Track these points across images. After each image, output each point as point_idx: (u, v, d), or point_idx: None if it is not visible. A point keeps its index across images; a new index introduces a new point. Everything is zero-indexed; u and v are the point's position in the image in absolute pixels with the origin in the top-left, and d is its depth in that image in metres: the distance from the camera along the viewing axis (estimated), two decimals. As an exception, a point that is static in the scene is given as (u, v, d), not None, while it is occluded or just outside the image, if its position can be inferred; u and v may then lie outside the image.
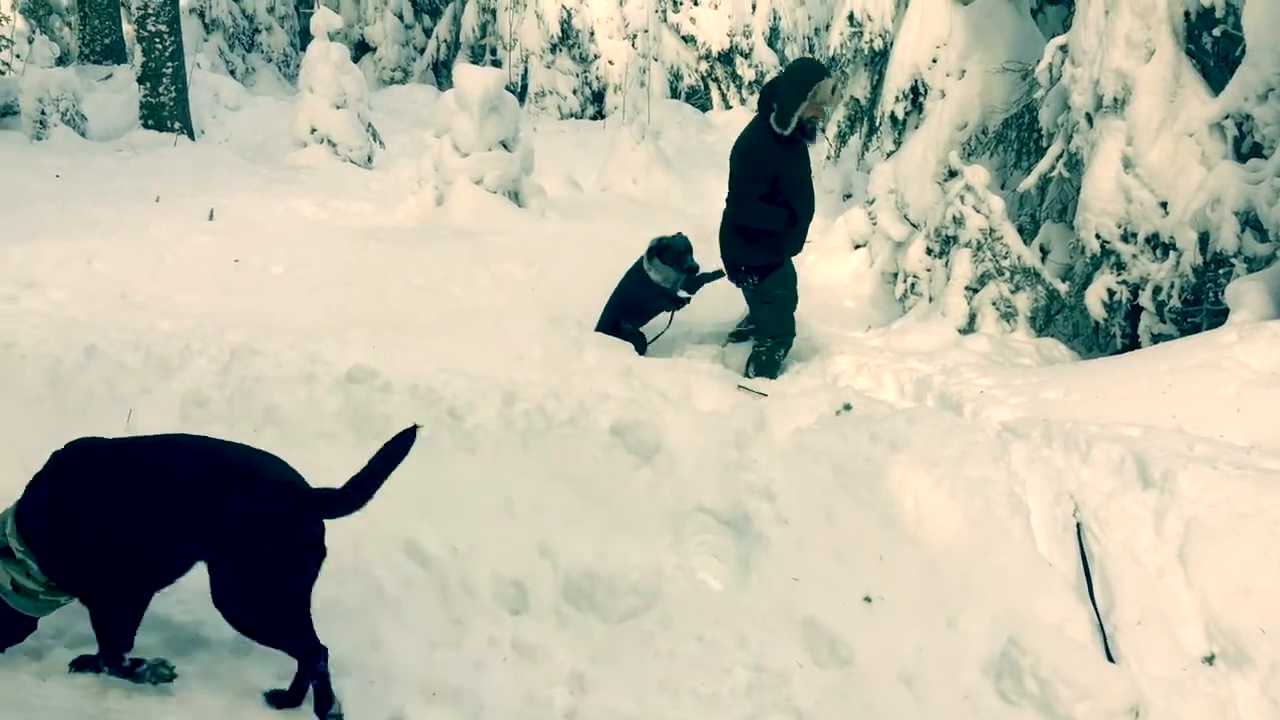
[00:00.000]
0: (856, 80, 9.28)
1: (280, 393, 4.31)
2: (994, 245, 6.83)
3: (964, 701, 3.37)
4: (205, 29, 22.49)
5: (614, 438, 4.07)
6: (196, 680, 3.39)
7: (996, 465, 4.01)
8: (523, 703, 3.33)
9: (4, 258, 7.51)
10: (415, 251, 8.54)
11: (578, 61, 21.79)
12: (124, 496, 3.10)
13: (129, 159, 13.20)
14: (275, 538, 3.13)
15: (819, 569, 3.67)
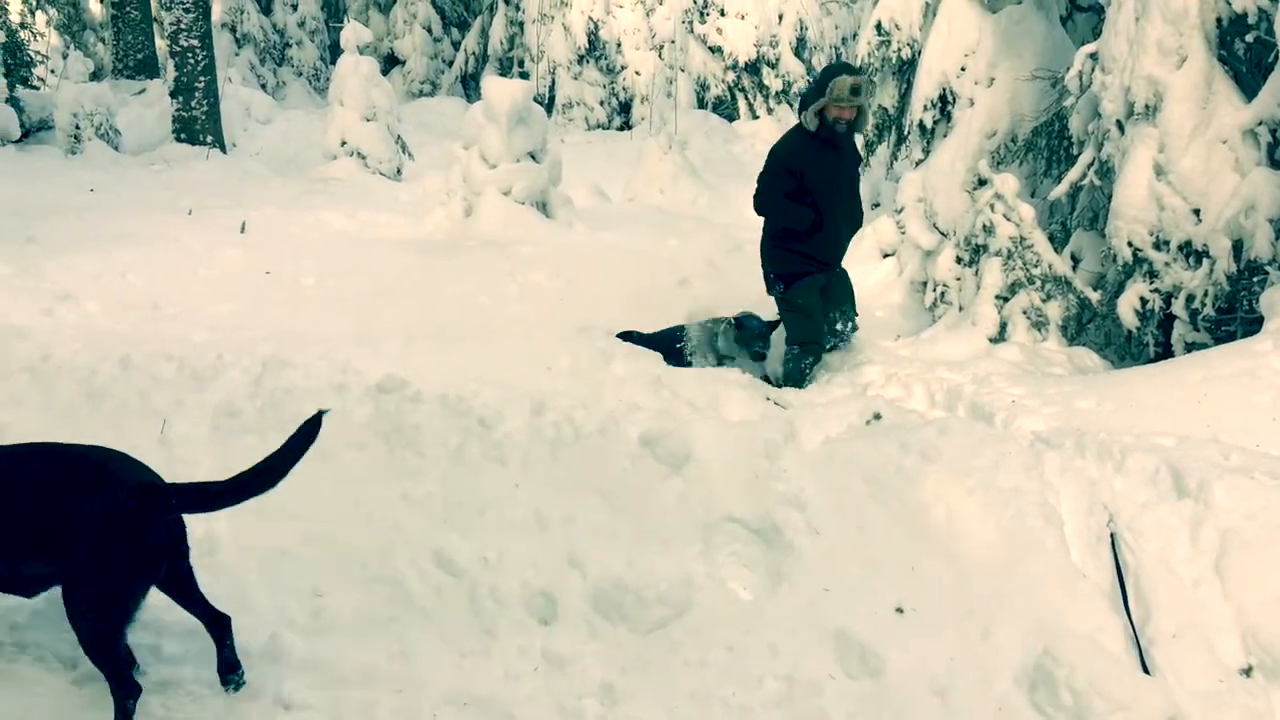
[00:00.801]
0: (884, 89, 9.24)
1: (311, 403, 4.32)
2: (1024, 254, 6.78)
3: (997, 713, 3.34)
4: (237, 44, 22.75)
5: (643, 448, 4.07)
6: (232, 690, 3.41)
7: (1029, 475, 3.98)
8: (553, 713, 3.33)
9: (39, 271, 7.61)
10: (444, 262, 8.58)
11: (605, 73, 21.86)
12: None
13: (162, 172, 13.35)
14: (133, 537, 3.06)
15: (850, 579, 3.65)
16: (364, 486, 4.09)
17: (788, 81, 20.17)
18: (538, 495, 3.97)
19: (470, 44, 24.12)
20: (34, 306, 6.91)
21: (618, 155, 16.67)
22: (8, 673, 3.42)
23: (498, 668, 3.48)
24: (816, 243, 6.16)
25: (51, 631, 3.57)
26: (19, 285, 7.25)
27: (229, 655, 3.34)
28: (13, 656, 3.52)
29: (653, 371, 5.95)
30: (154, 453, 4.24)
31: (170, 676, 3.44)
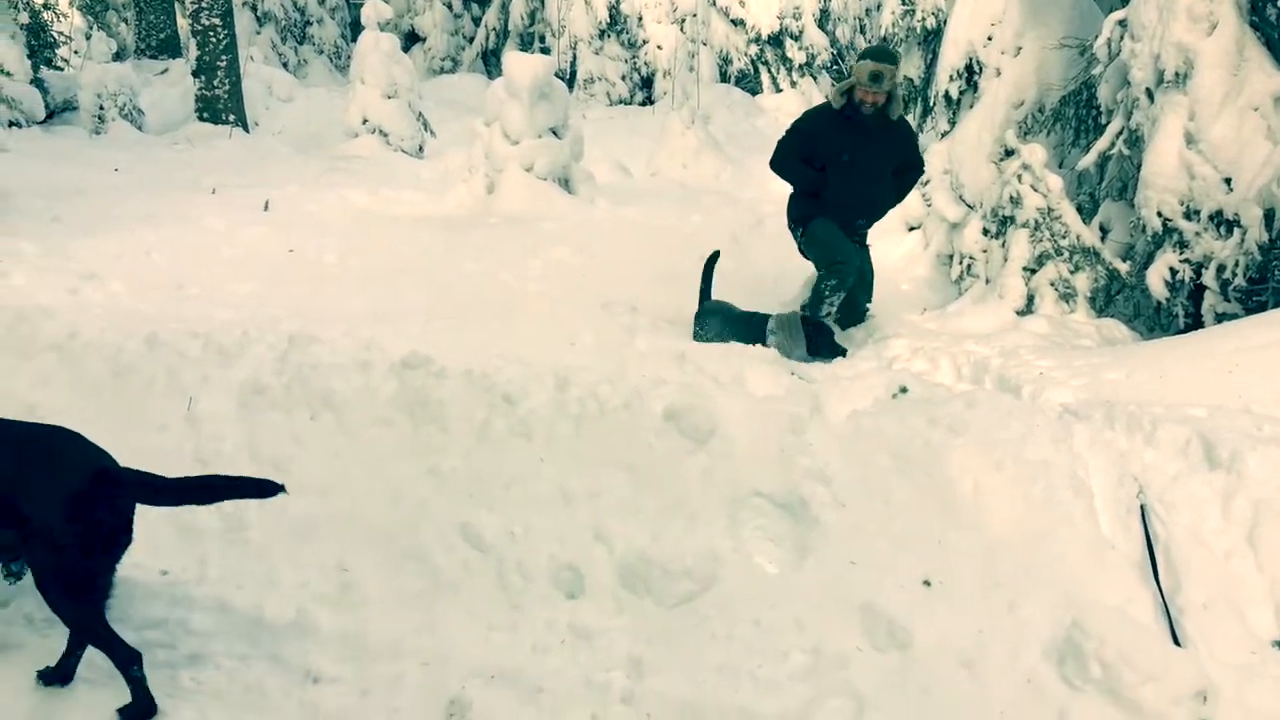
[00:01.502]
0: (909, 60, 9.16)
1: (337, 379, 4.35)
2: (1052, 225, 6.72)
3: (1026, 685, 3.32)
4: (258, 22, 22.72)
5: (667, 423, 4.06)
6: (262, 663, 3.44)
7: (1058, 448, 3.94)
8: (580, 686, 3.34)
9: (65, 251, 7.65)
10: (466, 239, 8.58)
11: (626, 47, 21.72)
12: None
13: (185, 152, 13.39)
14: (90, 518, 3.07)
15: (876, 553, 3.64)
16: (390, 462, 4.10)
17: (811, 54, 19.97)
18: (563, 470, 3.97)
19: (491, 19, 24.00)
20: (60, 286, 6.95)
21: (640, 130, 16.59)
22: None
23: (525, 641, 3.49)
24: (825, 205, 6.58)
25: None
26: (45, 265, 7.29)
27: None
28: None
29: (677, 347, 5.92)
30: (181, 429, 4.28)
31: (200, 649, 3.46)
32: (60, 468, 3.12)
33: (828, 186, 6.50)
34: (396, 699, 3.29)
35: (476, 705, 3.26)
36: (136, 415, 4.33)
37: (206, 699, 3.23)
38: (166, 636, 3.50)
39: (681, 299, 7.07)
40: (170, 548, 3.88)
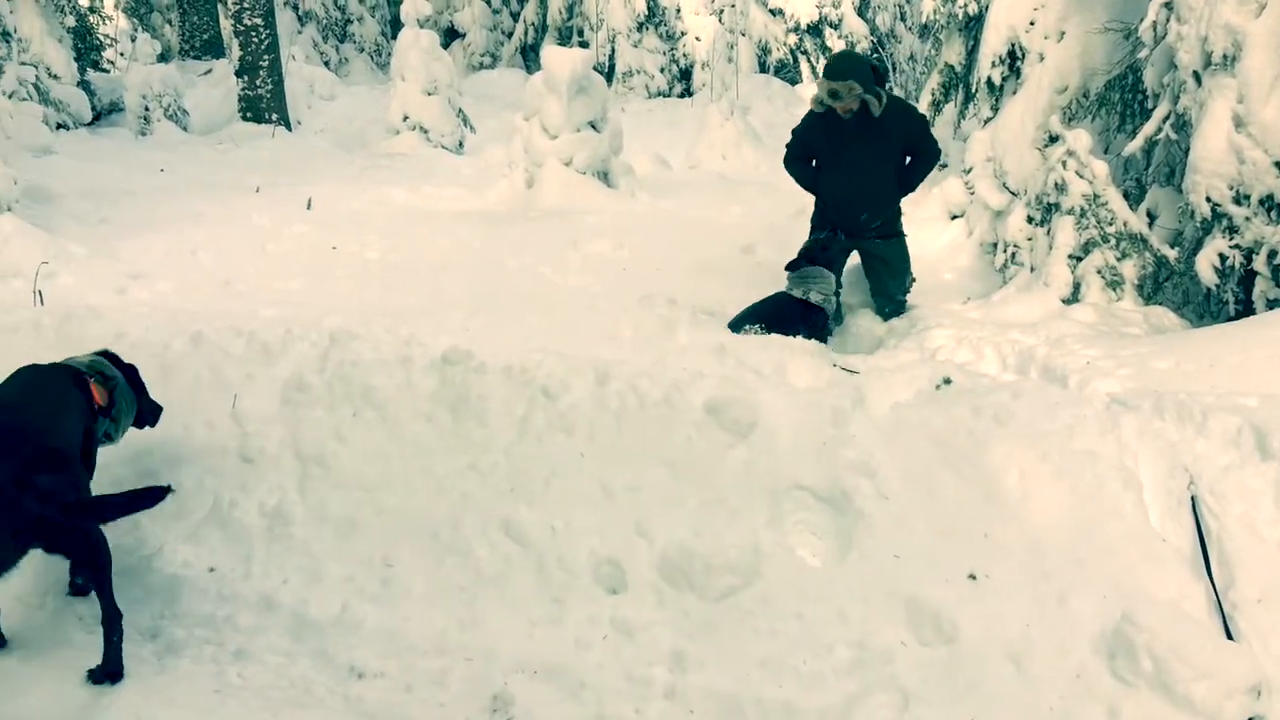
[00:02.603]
0: (950, 46, 9.05)
1: (378, 375, 4.37)
2: (1098, 211, 6.61)
3: (1075, 680, 3.27)
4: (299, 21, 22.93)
5: (708, 416, 4.03)
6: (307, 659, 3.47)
7: (1106, 439, 3.87)
8: (623, 681, 3.33)
9: (113, 251, 7.77)
10: (507, 234, 8.61)
11: (664, 39, 21.69)
12: None
13: (229, 151, 13.54)
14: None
15: (921, 546, 3.59)
16: (432, 457, 4.11)
17: (851, 42, 19.85)
18: (603, 464, 3.96)
19: (529, 14, 24.05)
20: (108, 285, 7.06)
21: (679, 122, 16.57)
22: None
23: (567, 636, 3.49)
24: (822, 203, 6.91)
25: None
26: (93, 265, 7.41)
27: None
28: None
29: (716, 339, 5.90)
30: (227, 427, 4.32)
31: (246, 645, 3.50)
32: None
33: (822, 185, 6.84)
34: (440, 694, 3.31)
35: (519, 700, 3.27)
36: (183, 413, 4.37)
37: (252, 695, 3.26)
38: (213, 633, 3.54)
39: (721, 291, 7.05)
40: (216, 544, 3.92)
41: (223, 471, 4.19)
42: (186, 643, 3.50)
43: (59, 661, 3.41)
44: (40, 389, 3.65)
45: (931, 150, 6.75)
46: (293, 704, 3.23)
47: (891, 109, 6.53)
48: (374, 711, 3.22)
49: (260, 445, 4.24)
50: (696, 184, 11.22)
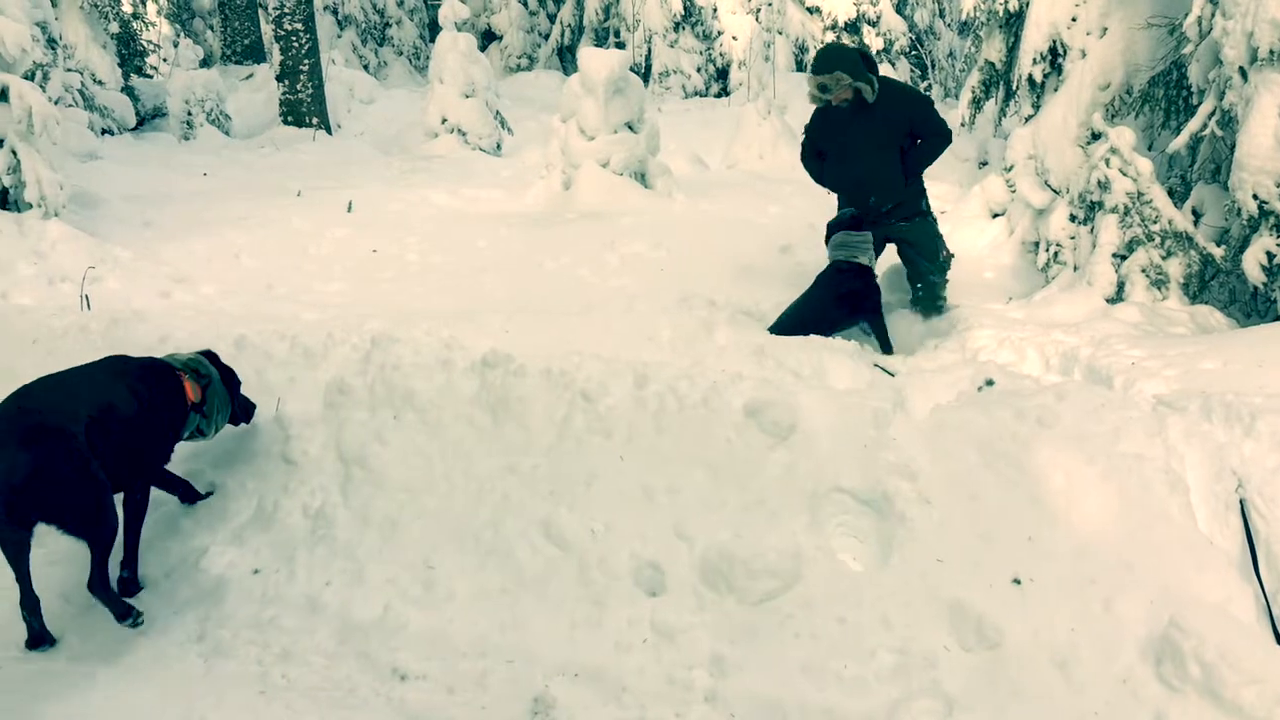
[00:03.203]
0: (990, 43, 8.97)
1: (419, 378, 4.39)
2: (1142, 209, 6.53)
3: (1121, 686, 3.23)
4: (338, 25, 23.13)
5: (748, 418, 4.01)
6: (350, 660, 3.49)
7: (1152, 441, 3.82)
8: (663, 684, 3.33)
9: (157, 255, 7.87)
10: (545, 236, 8.63)
11: (701, 39, 21.67)
12: None
13: (270, 155, 13.69)
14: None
15: (964, 550, 3.56)
16: (472, 459, 4.13)
17: (889, 39, 19.72)
18: (643, 467, 3.95)
19: (565, 16, 24.12)
20: (152, 289, 7.16)
21: (715, 122, 16.53)
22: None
23: (608, 639, 3.49)
24: (837, 194, 6.98)
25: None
26: (138, 268, 7.51)
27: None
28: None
29: (755, 340, 5.88)
30: (271, 430, 4.37)
31: (290, 647, 3.53)
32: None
33: (830, 176, 6.94)
34: (482, 696, 3.33)
35: (560, 703, 3.27)
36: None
37: (297, 696, 3.29)
38: (258, 634, 3.58)
39: (760, 291, 7.03)
40: (260, 546, 3.96)
41: (266, 474, 4.24)
42: (233, 644, 3.54)
43: (107, 662, 3.47)
44: (89, 375, 3.85)
45: (937, 130, 6.64)
46: (337, 705, 3.26)
47: (886, 93, 6.51)
48: (417, 713, 3.24)
49: (303, 448, 4.29)
50: (733, 184, 11.20)
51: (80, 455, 3.51)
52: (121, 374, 3.93)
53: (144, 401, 3.88)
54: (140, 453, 3.90)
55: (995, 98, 9.23)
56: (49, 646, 3.56)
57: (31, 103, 8.40)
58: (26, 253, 7.80)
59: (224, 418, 4.25)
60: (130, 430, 3.81)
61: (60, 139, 9.02)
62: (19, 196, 8.37)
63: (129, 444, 3.80)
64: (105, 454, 3.65)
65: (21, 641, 3.56)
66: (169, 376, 4.05)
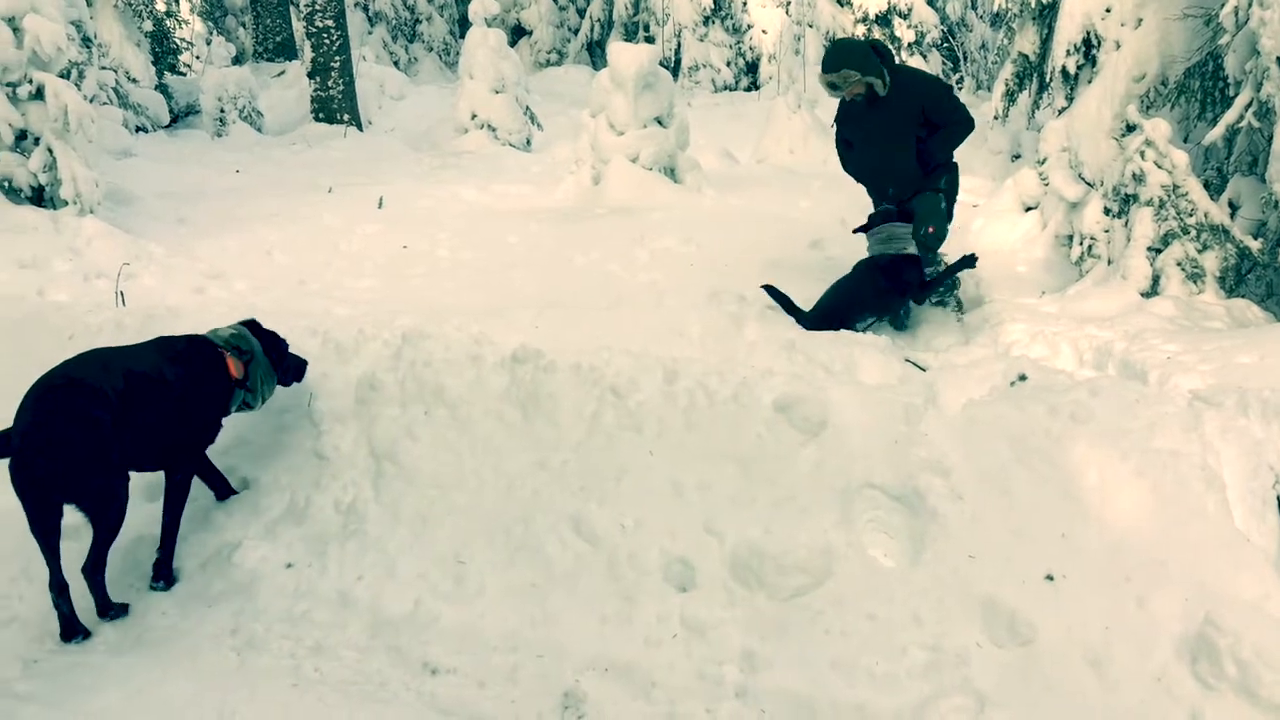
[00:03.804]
0: (1023, 35, 8.88)
1: (449, 374, 4.41)
2: (1178, 202, 6.45)
3: (1156, 684, 3.20)
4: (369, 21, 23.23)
5: (778, 414, 4.00)
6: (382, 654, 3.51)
7: (1188, 437, 3.77)
8: (693, 679, 3.33)
9: (191, 251, 7.94)
10: (574, 231, 8.63)
11: (730, 33, 21.60)
12: None
13: (302, 152, 13.77)
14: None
15: (996, 546, 3.54)
16: (502, 455, 4.15)
17: (921, 32, 19.54)
18: (673, 462, 3.96)
19: (595, 10, 24.10)
20: (187, 285, 7.22)
21: (745, 116, 16.48)
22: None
23: (638, 634, 3.50)
24: (861, 184, 7.13)
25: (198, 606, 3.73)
26: (172, 265, 7.58)
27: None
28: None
29: (786, 336, 5.86)
30: (303, 426, 4.40)
31: (322, 640, 3.56)
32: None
33: (853, 167, 7.05)
34: (512, 690, 3.34)
35: (591, 698, 3.28)
36: (262, 413, 4.46)
37: (329, 689, 3.32)
38: (291, 628, 3.61)
39: (790, 286, 6.99)
40: (293, 541, 3.99)
41: (299, 469, 4.28)
42: (265, 638, 3.57)
43: (144, 655, 3.50)
44: (128, 352, 3.97)
45: (955, 117, 6.58)
46: (369, 699, 3.28)
47: (900, 84, 6.48)
48: (448, 707, 3.26)
49: (335, 443, 4.32)
50: (764, 178, 11.16)
51: (98, 431, 3.57)
52: (161, 350, 4.04)
53: (182, 377, 3.97)
54: (180, 430, 3.98)
55: (1028, 90, 9.14)
56: (82, 638, 3.61)
57: (67, 101, 8.49)
58: (62, 249, 7.89)
59: (270, 387, 4.33)
60: (168, 405, 3.89)
61: (95, 137, 9.11)
62: (55, 194, 8.46)
63: (167, 420, 3.88)
64: (139, 428, 3.73)
65: (58, 633, 3.61)
66: (210, 353, 4.13)
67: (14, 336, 5.26)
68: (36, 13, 8.54)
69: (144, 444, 3.82)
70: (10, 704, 3.24)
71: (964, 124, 6.64)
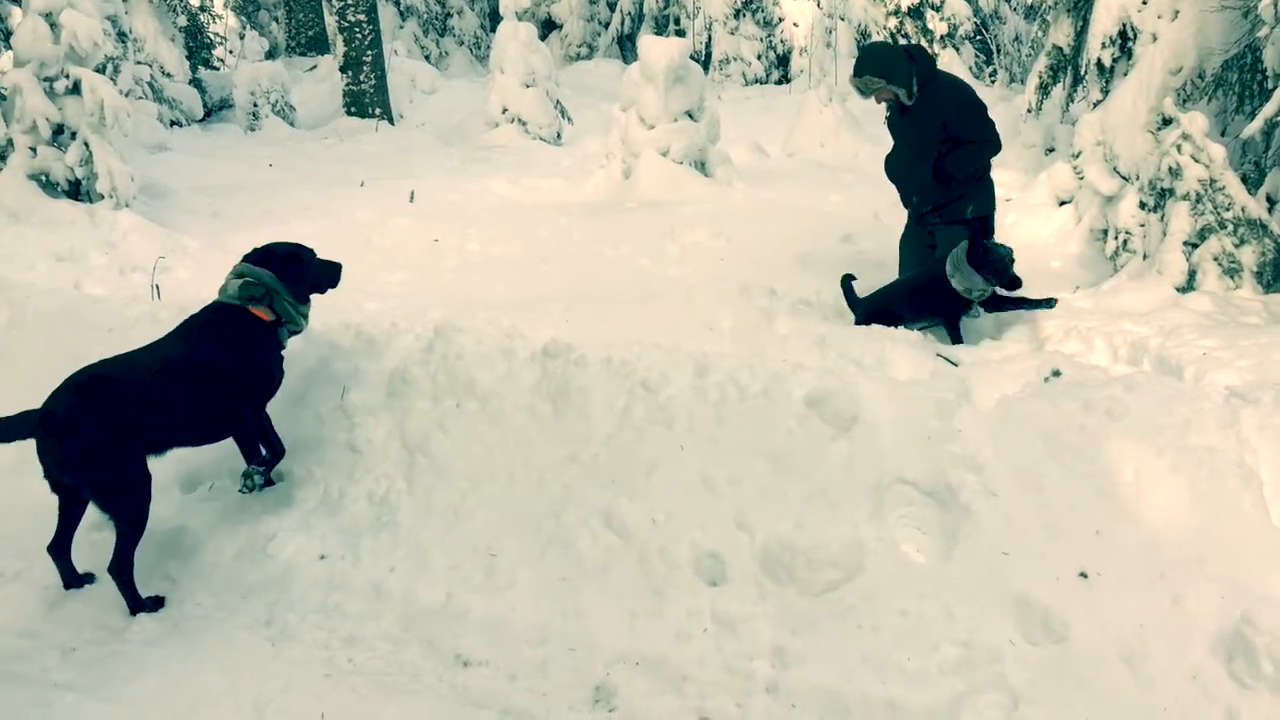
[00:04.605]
0: (1058, 27, 8.80)
1: (481, 368, 4.43)
2: (1215, 196, 6.38)
3: (1192, 683, 3.17)
4: (400, 16, 23.32)
5: (809, 409, 3.99)
6: (414, 646, 3.53)
7: (1224, 434, 3.73)
8: (724, 674, 3.33)
9: (225, 245, 7.99)
10: (605, 225, 8.64)
11: (761, 25, 21.54)
12: None
13: (334, 146, 13.86)
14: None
15: (1030, 543, 3.51)
16: (533, 448, 4.16)
17: (953, 24, 19.39)
18: (703, 457, 3.95)
19: (625, 4, 24.09)
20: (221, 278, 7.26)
21: (776, 110, 16.43)
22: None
23: (668, 628, 3.50)
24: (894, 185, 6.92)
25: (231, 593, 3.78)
26: (207, 258, 7.65)
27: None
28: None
29: (817, 330, 5.84)
30: (335, 419, 4.43)
31: (356, 632, 3.58)
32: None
33: (887, 169, 6.87)
34: (543, 683, 3.35)
35: (622, 691, 3.29)
36: (295, 406, 4.50)
37: (362, 680, 3.34)
38: (324, 619, 3.63)
39: (821, 281, 6.98)
40: (326, 533, 4.02)
41: (332, 462, 4.31)
42: (299, 629, 3.60)
43: (180, 644, 3.54)
44: (154, 344, 4.09)
45: (977, 136, 6.28)
46: (401, 690, 3.30)
47: (928, 96, 6.27)
48: (480, 699, 3.27)
49: (368, 436, 4.34)
50: (794, 172, 11.13)
51: (113, 424, 3.64)
52: (185, 333, 4.11)
53: (214, 349, 4.04)
54: (232, 395, 4.08)
55: (1062, 83, 9.06)
56: (79, 586, 3.87)
57: (103, 96, 8.59)
58: (99, 242, 7.99)
59: (305, 307, 4.36)
60: (208, 378, 3.99)
61: (131, 131, 9.22)
62: (91, 188, 8.57)
63: (214, 391, 4.00)
64: (182, 409, 3.88)
65: (98, 622, 3.66)
66: (231, 315, 4.14)
67: (51, 329, 5.34)
68: (73, 8, 8.65)
69: (195, 424, 3.98)
70: (49, 692, 3.29)
71: (984, 144, 6.32)
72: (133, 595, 3.73)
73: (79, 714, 3.19)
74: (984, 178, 6.46)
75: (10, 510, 4.25)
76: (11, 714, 3.19)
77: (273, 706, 3.21)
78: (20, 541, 4.02)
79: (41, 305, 5.53)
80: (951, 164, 6.30)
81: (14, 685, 3.32)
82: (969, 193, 6.44)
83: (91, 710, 3.21)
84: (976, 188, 6.44)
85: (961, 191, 6.41)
